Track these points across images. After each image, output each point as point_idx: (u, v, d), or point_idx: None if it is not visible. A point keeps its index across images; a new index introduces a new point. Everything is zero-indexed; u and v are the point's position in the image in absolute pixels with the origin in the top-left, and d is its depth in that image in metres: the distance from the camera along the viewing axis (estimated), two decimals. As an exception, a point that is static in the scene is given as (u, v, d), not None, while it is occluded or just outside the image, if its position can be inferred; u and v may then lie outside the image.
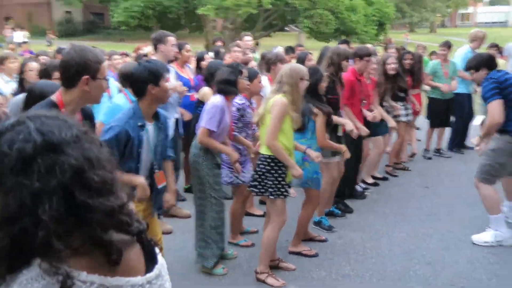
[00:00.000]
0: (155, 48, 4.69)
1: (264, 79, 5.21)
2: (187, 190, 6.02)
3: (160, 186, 3.08)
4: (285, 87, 3.58)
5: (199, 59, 5.94)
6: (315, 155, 3.86)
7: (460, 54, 7.68)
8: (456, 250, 4.31)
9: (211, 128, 3.73)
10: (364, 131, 5.01)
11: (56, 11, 40.14)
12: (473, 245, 4.38)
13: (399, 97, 6.51)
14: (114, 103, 3.76)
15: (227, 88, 3.83)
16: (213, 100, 3.83)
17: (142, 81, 2.86)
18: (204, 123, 3.76)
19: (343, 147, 4.38)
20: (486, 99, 4.27)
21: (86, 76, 2.27)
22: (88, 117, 2.55)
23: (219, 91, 3.87)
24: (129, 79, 2.97)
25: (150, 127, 2.96)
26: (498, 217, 4.37)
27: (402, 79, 6.38)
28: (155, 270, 1.09)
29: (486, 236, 4.39)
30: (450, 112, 7.54)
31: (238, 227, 4.60)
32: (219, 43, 8.77)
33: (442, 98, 7.35)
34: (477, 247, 4.34)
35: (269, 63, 5.26)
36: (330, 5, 26.54)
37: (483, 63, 4.47)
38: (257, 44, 18.62)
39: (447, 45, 7.44)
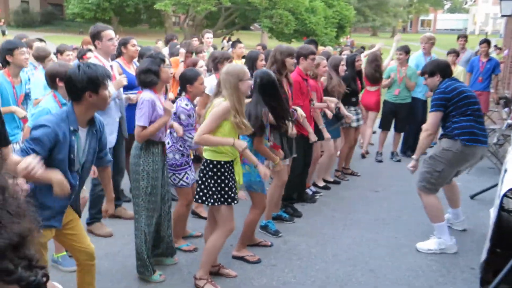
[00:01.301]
0: (94, 44, 4.43)
1: (212, 78, 5.06)
2: (133, 190, 5.80)
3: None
4: (224, 92, 3.42)
5: (140, 55, 5.74)
6: (263, 172, 3.63)
7: (413, 58, 7.75)
8: (400, 257, 4.27)
9: (144, 124, 3.58)
10: (313, 137, 4.96)
11: (12, 0, 38.65)
12: (417, 252, 4.36)
13: (351, 102, 6.47)
14: (44, 107, 3.49)
15: (149, 78, 3.64)
16: (142, 96, 3.66)
17: (80, 88, 2.64)
18: (137, 121, 3.61)
19: (276, 159, 3.99)
20: (431, 106, 4.34)
21: None
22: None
23: (141, 83, 3.71)
24: (65, 83, 2.75)
25: (82, 133, 2.77)
26: (441, 225, 4.35)
27: (354, 83, 6.35)
28: None
29: (430, 244, 4.37)
30: (402, 116, 7.58)
31: (181, 231, 4.42)
32: (175, 41, 8.54)
33: (394, 102, 7.40)
34: (420, 254, 4.32)
35: (215, 62, 5.13)
36: (290, 6, 26.67)
37: (437, 69, 4.42)
38: (229, 40, 18.23)
39: (405, 50, 7.41)
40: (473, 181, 6.40)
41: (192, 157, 4.25)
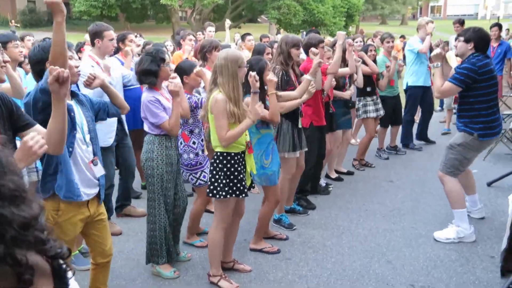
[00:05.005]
0: (92, 42, 4.36)
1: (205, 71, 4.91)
2: (144, 187, 5.77)
3: (98, 175, 2.83)
4: (220, 79, 3.30)
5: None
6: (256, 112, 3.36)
7: (409, 43, 7.44)
8: (417, 247, 4.19)
9: (165, 118, 3.58)
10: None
11: (19, 0, 38.80)
12: (434, 242, 4.27)
13: (366, 92, 6.36)
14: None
15: (148, 80, 3.60)
16: (145, 98, 3.61)
17: (39, 61, 2.67)
18: (158, 120, 3.58)
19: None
20: (453, 76, 4.06)
21: None
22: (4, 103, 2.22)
23: (141, 82, 3.70)
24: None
25: (71, 102, 2.72)
26: (462, 212, 4.25)
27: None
28: None
29: (448, 233, 4.27)
30: (399, 109, 7.16)
31: (195, 228, 4.38)
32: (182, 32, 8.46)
33: (390, 95, 6.89)
34: (438, 244, 4.23)
35: (204, 52, 4.78)
36: (298, -4, 26.39)
37: (475, 39, 4.09)
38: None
39: (392, 37, 6.88)
40: (489, 168, 6.27)
41: (206, 153, 4.17)
